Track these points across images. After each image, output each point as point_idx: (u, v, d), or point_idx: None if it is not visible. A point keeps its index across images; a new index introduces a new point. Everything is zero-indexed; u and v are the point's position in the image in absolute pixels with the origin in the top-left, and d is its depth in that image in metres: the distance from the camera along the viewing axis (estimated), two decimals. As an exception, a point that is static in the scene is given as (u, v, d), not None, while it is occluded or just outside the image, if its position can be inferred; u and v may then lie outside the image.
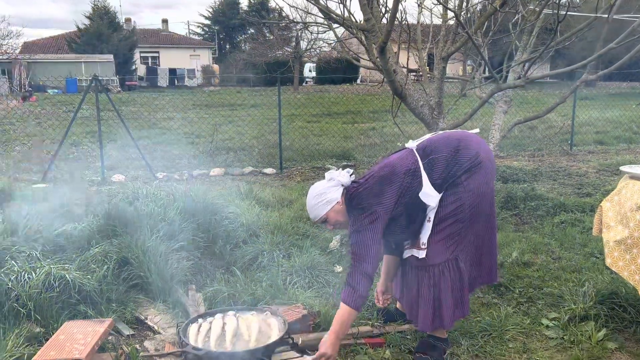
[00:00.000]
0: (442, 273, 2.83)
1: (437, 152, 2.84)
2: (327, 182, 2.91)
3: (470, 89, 7.12)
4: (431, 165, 2.82)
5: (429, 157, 2.84)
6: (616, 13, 4.46)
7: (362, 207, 2.79)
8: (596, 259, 4.23)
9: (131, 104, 17.17)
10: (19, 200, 4.86)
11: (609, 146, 10.65)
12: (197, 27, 54.56)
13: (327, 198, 2.86)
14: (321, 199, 2.86)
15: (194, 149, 10.41)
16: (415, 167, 2.82)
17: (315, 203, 2.88)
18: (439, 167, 2.81)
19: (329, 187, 2.88)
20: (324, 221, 2.93)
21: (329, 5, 5.20)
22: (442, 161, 2.81)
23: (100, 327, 2.95)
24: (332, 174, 2.92)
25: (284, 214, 5.35)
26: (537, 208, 5.58)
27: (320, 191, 2.89)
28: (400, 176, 2.80)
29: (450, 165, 2.80)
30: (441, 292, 2.83)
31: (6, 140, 11.56)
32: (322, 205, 2.86)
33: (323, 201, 2.86)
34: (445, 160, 2.81)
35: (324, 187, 2.89)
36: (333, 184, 2.89)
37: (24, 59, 33.34)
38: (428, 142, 2.93)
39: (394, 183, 2.79)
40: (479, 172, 2.81)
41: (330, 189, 2.87)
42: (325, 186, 2.90)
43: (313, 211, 2.91)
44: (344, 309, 2.72)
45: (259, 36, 39.41)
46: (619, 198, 2.99)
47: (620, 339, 3.08)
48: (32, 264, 3.34)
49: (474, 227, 2.88)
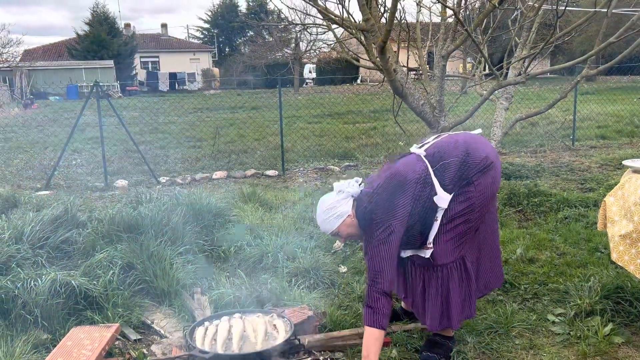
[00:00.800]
0: (450, 273, 2.81)
1: (448, 157, 2.79)
2: (337, 194, 2.83)
3: (471, 87, 7.12)
4: (442, 170, 2.77)
5: (439, 162, 2.79)
6: (615, 7, 4.46)
7: (376, 222, 2.72)
8: (601, 254, 4.23)
9: (132, 109, 17.20)
10: (23, 208, 4.89)
11: (611, 140, 10.63)
12: (197, 31, 54.76)
13: (337, 212, 2.78)
14: (332, 213, 2.79)
15: (196, 152, 10.44)
16: (426, 175, 2.77)
17: (326, 217, 2.81)
18: (451, 172, 2.76)
19: (339, 200, 2.81)
20: (335, 235, 2.86)
21: (327, 6, 5.21)
22: (454, 165, 2.76)
23: (107, 333, 2.96)
24: (341, 185, 2.84)
25: (287, 215, 5.36)
26: (540, 204, 5.57)
27: (330, 205, 2.81)
28: (412, 185, 2.74)
29: (461, 168, 2.76)
30: (450, 292, 2.82)
31: (9, 148, 11.59)
32: (333, 219, 2.79)
33: (334, 215, 2.79)
34: (457, 165, 2.76)
35: (334, 201, 2.82)
36: (343, 196, 2.81)
37: (24, 67, 33.44)
38: (435, 147, 2.88)
39: (406, 193, 2.73)
40: (488, 173, 2.78)
41: (340, 202, 2.80)
42: (335, 199, 2.82)
43: (324, 225, 2.84)
44: (367, 331, 2.66)
45: (259, 38, 39.49)
46: (622, 192, 2.99)
47: (627, 333, 3.07)
48: (38, 270, 3.36)
49: (480, 228, 2.88)
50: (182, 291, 3.62)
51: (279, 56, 36.02)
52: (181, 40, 51.00)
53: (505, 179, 6.78)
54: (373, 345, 2.63)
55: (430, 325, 2.90)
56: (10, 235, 3.81)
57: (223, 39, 53.12)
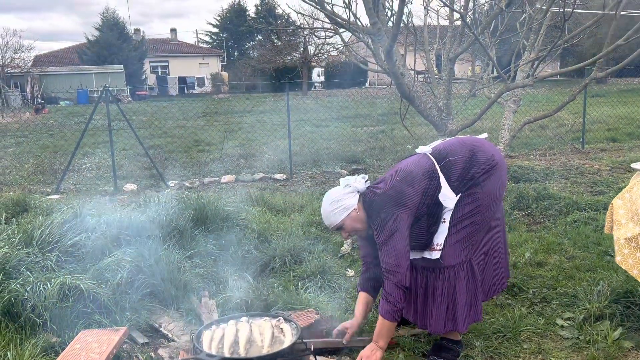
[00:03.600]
0: (457, 275, 2.81)
1: (454, 155, 2.81)
2: (343, 188, 2.85)
3: (479, 89, 7.10)
4: (448, 167, 2.80)
5: (445, 159, 2.82)
6: (625, 9, 4.43)
7: (383, 216, 2.73)
8: (610, 258, 4.19)
9: (142, 113, 17.30)
10: (33, 212, 4.93)
11: (621, 143, 10.54)
12: (206, 36, 54.93)
13: (343, 205, 2.80)
14: (338, 206, 2.80)
15: (205, 156, 10.48)
16: (433, 169, 2.79)
17: (332, 210, 2.82)
18: (457, 169, 2.78)
19: (345, 193, 2.83)
20: (339, 228, 2.87)
21: (335, 10, 5.22)
22: (460, 163, 2.79)
23: (115, 336, 2.97)
24: (348, 180, 2.87)
25: (295, 219, 5.36)
26: (549, 207, 5.53)
27: (336, 197, 2.83)
28: (419, 178, 2.77)
29: (467, 167, 2.78)
30: (456, 294, 2.81)
31: (20, 152, 11.70)
32: (339, 212, 2.80)
33: (340, 208, 2.80)
34: (463, 162, 2.79)
35: (340, 194, 2.84)
36: (349, 190, 2.83)
37: (36, 72, 33.80)
38: (441, 146, 2.91)
39: (414, 185, 2.75)
40: (495, 175, 2.80)
41: (346, 196, 2.82)
42: (341, 193, 2.84)
43: (329, 218, 2.85)
44: (382, 320, 2.76)
45: (267, 43, 39.60)
46: (630, 195, 2.96)
47: (636, 338, 3.05)
48: (47, 274, 3.38)
49: (487, 231, 2.87)
50: (189, 295, 3.63)
51: (288, 60, 36.11)
52: (190, 45, 51.28)
53: (514, 182, 6.74)
54: (385, 334, 2.79)
55: (433, 328, 2.89)
56: (20, 239, 3.84)
57: (232, 43, 53.32)
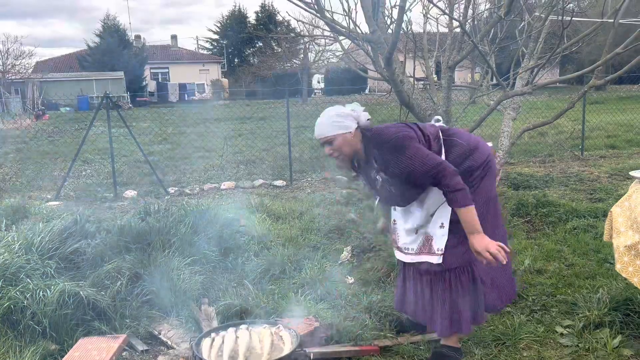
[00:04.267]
0: (458, 278, 2.83)
1: (459, 137, 2.88)
2: (349, 110, 2.81)
3: (479, 97, 7.12)
4: (450, 144, 2.85)
5: (451, 137, 2.87)
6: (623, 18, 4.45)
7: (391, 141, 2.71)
8: (610, 265, 4.19)
9: (142, 119, 17.32)
10: (33, 219, 4.93)
11: (620, 150, 10.55)
12: (206, 42, 55.05)
13: (344, 123, 2.76)
14: (337, 120, 2.76)
15: (205, 163, 10.48)
16: (438, 135, 2.85)
17: (330, 122, 2.77)
18: (456, 152, 2.83)
19: (349, 115, 2.79)
20: (327, 142, 2.80)
21: (335, 17, 5.24)
22: (461, 148, 2.84)
23: (115, 343, 2.97)
24: (355, 106, 2.84)
25: (294, 225, 5.37)
26: (549, 214, 5.54)
27: (339, 113, 2.78)
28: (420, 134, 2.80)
29: (466, 156, 2.83)
30: (459, 296, 2.83)
31: (20, 159, 11.71)
32: (337, 126, 2.75)
33: (339, 123, 2.76)
34: (464, 149, 2.84)
35: (345, 112, 2.79)
36: (354, 114, 2.79)
37: (36, 78, 33.86)
38: (452, 129, 2.98)
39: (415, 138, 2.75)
40: (489, 175, 2.86)
41: (349, 118, 2.78)
42: (346, 112, 2.79)
43: (323, 127, 2.78)
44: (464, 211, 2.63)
45: (267, 49, 39.69)
46: (629, 203, 2.97)
47: (636, 346, 3.05)
48: (47, 281, 3.38)
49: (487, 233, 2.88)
50: (189, 302, 3.63)
51: (288, 67, 36.19)
52: (191, 52, 51.39)
53: (514, 189, 6.75)
54: (475, 220, 2.64)
55: (440, 332, 2.89)
56: (20, 245, 3.84)
57: (232, 49, 53.45)
